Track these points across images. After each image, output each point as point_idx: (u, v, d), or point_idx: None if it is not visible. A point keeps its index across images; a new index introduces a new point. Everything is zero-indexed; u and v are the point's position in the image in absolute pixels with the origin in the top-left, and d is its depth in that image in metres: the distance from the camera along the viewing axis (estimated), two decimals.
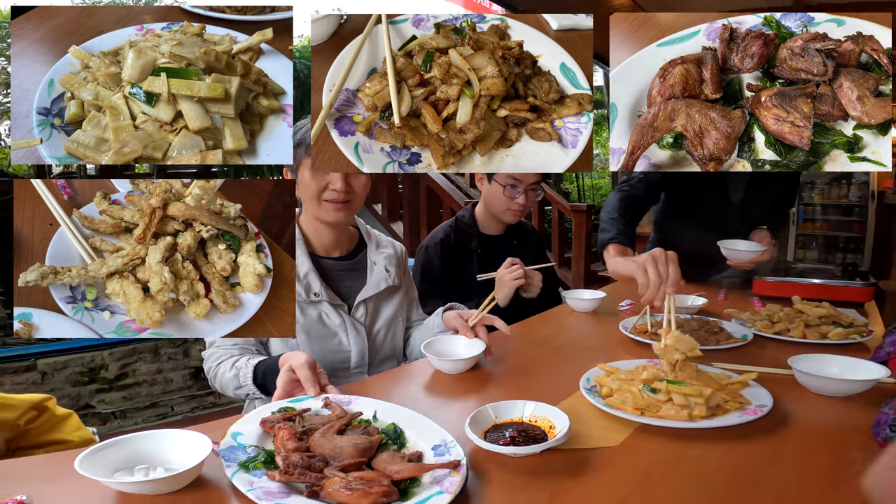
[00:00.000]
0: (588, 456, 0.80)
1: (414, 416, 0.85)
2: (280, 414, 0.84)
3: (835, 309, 1.45)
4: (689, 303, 1.64)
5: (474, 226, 1.89)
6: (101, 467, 0.69)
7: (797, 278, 1.79)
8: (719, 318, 1.48)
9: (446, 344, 1.21)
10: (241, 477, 0.68)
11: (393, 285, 1.38)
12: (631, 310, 1.68)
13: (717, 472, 0.76)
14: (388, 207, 5.41)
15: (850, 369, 1.05)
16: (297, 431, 0.77)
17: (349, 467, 0.69)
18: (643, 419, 0.88)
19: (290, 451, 0.72)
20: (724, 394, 0.92)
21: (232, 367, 1.14)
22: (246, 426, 0.81)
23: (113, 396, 3.44)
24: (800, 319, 1.41)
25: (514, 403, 0.90)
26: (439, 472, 0.69)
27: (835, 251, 5.90)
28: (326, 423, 0.81)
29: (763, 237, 1.83)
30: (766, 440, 0.85)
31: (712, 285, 2.00)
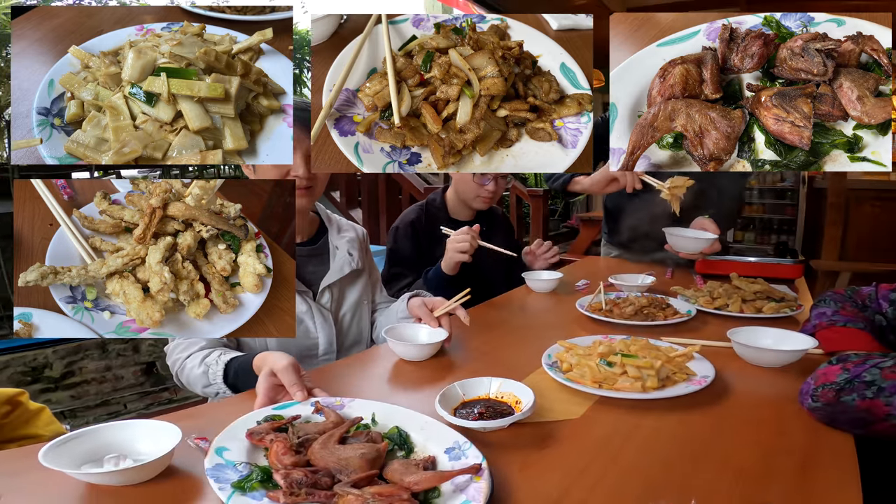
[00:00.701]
0: (552, 428, 0.86)
1: (416, 416, 0.81)
2: (268, 424, 0.77)
3: (768, 285, 1.56)
4: (639, 281, 1.73)
5: (444, 210, 1.90)
6: (67, 459, 0.68)
7: (735, 257, 1.90)
8: (666, 296, 1.57)
9: (408, 331, 1.21)
10: (239, 501, 0.61)
11: (357, 269, 1.37)
12: (587, 289, 1.77)
13: (670, 441, 0.82)
14: (346, 194, 5.33)
15: (781, 341, 1.14)
16: (293, 443, 0.70)
17: (361, 482, 0.63)
18: (601, 392, 0.95)
19: (288, 466, 0.66)
20: (671, 366, 1.00)
21: (201, 363, 1.10)
22: (230, 440, 0.73)
23: (60, 396, 3.33)
24: (737, 295, 1.51)
25: (481, 381, 0.93)
26: (461, 479, 0.64)
27: (770, 232, 6.47)
28: (323, 431, 0.74)
29: (707, 225, 1.86)
30: (711, 410, 0.92)
31: (660, 264, 2.13)
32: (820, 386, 0.86)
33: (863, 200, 4.55)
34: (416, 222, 1.84)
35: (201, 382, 1.10)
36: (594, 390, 0.95)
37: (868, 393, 0.80)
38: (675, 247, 1.81)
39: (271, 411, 0.82)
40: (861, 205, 4.64)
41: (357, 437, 0.74)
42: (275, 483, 0.64)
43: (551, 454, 0.78)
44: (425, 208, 1.89)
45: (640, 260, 2.24)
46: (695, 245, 1.79)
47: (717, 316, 1.46)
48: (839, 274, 4.35)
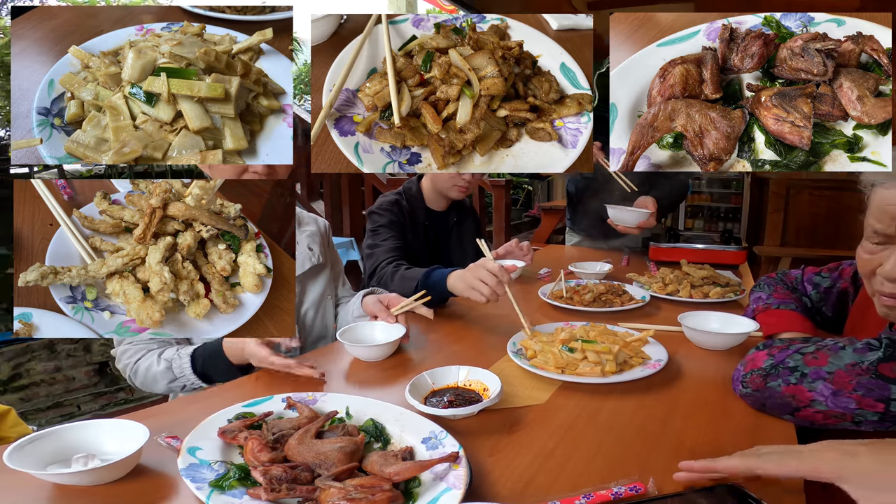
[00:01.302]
0: (519, 414, 0.90)
1: (390, 407, 0.81)
2: (240, 421, 0.76)
3: (714, 270, 1.66)
4: (597, 269, 1.82)
5: (421, 199, 1.90)
6: (33, 460, 0.66)
7: (685, 244, 2.04)
8: (623, 282, 1.65)
9: (364, 331, 1.19)
10: (219, 500, 0.61)
11: (318, 264, 1.35)
12: (548, 277, 1.86)
13: (629, 423, 0.87)
14: (307, 186, 5.17)
15: (727, 324, 1.21)
16: (269, 440, 0.70)
17: (342, 475, 0.64)
18: (564, 377, 0.99)
19: (266, 463, 0.65)
20: (628, 350, 1.05)
21: (160, 361, 1.08)
22: (202, 439, 0.72)
23: (8, 398, 3.25)
24: (687, 281, 1.60)
25: (449, 369, 0.96)
26: (439, 468, 0.66)
27: (717, 220, 6.82)
28: (298, 427, 0.74)
29: (648, 203, 1.98)
30: (665, 392, 0.98)
31: (617, 252, 2.29)
32: (749, 372, 0.89)
33: (802, 190, 4.82)
34: (398, 204, 1.83)
35: (165, 379, 1.08)
36: (557, 376, 0.99)
37: (792, 378, 0.82)
38: (614, 220, 1.94)
39: (242, 409, 0.81)
40: (800, 194, 4.97)
41: (333, 431, 0.74)
42: (253, 480, 0.64)
43: (519, 439, 0.82)
44: (403, 195, 1.88)
45: (601, 247, 2.40)
46: (630, 217, 1.90)
47: (669, 301, 1.55)
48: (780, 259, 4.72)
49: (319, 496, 0.61)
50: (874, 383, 0.75)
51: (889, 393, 0.74)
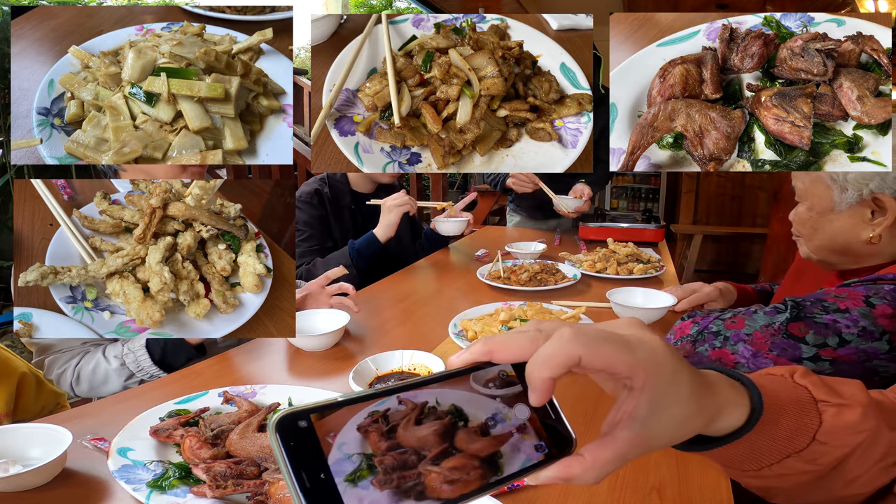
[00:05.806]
0: None
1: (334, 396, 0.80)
2: (173, 419, 0.74)
3: (637, 248, 1.78)
4: (532, 248, 1.93)
5: (346, 183, 1.91)
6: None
7: (611, 223, 2.21)
8: (556, 261, 1.75)
9: (305, 319, 1.16)
10: (160, 500, 0.58)
11: None
12: (486, 257, 1.93)
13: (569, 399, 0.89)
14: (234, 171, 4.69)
15: (649, 299, 1.33)
16: (208, 436, 0.68)
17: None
18: None
19: (207, 460, 0.63)
20: None
21: (108, 360, 1.06)
22: (133, 440, 0.69)
23: None
24: (613, 259, 1.71)
25: (392, 354, 0.95)
26: None
27: (639, 200, 7.15)
28: (238, 421, 0.72)
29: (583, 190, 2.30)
30: None
31: (549, 232, 2.47)
32: (678, 340, 0.93)
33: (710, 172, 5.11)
34: (319, 191, 1.83)
35: (120, 377, 1.05)
36: None
37: (716, 342, 0.88)
38: (558, 207, 2.24)
39: (175, 406, 0.78)
40: (709, 176, 5.45)
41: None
42: (195, 479, 0.62)
43: None
44: (326, 180, 1.88)
45: (540, 227, 2.62)
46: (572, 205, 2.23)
47: (598, 279, 1.65)
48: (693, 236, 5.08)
49: (269, 490, 0.59)
50: (786, 342, 0.82)
51: (800, 353, 0.80)
